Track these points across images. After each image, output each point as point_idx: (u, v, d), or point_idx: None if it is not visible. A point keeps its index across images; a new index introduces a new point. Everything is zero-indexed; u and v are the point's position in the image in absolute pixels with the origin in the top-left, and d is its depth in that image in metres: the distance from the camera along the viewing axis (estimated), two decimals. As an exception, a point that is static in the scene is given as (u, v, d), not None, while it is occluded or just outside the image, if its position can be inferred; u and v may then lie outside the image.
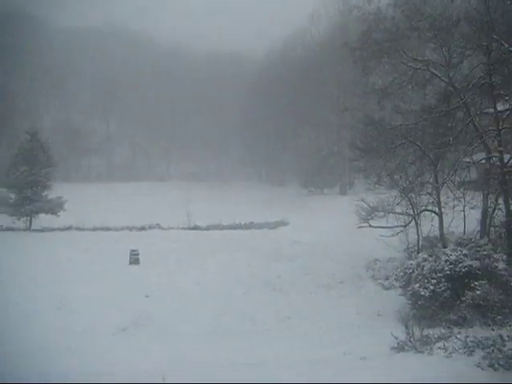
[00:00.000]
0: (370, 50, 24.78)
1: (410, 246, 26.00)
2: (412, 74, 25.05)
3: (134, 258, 29.77)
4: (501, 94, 23.50)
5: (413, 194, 25.87)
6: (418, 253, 22.68)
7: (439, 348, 13.90)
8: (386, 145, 25.17)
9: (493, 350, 13.06)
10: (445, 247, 21.58)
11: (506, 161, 22.15)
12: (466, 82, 24.17)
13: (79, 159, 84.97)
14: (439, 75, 24.68)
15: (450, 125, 24.62)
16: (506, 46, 23.85)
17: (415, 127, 25.05)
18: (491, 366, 12.54)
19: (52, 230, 40.20)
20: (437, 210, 25.01)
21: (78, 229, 40.76)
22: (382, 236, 26.12)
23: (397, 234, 26.32)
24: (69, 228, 40.84)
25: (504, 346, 13.19)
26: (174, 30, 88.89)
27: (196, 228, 40.92)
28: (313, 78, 60.71)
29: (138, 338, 18.60)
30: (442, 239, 23.90)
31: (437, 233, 24.93)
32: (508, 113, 23.75)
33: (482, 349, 13.30)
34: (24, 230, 40.67)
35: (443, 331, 15.69)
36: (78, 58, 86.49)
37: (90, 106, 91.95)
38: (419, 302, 18.56)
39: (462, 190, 26.17)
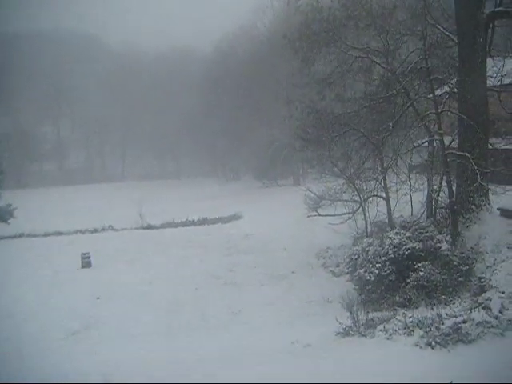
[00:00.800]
0: (309, 41, 24.93)
1: (358, 232, 26.22)
2: (352, 62, 25.33)
3: (86, 261, 29.45)
4: (438, 78, 23.90)
5: (359, 181, 26.10)
6: (367, 238, 22.86)
7: (380, 330, 14.09)
8: (329, 134, 25.37)
9: (430, 329, 13.25)
10: (393, 231, 21.83)
11: (446, 143, 22.49)
12: (403, 67, 24.53)
13: (32, 164, 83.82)
14: (378, 62, 24.99)
15: (391, 110, 25.00)
16: (441, 29, 24.37)
17: (357, 114, 25.36)
18: (429, 344, 12.73)
19: (2, 238, 39.57)
20: (383, 195, 25.32)
21: (29, 235, 40.24)
22: (330, 224, 26.37)
23: (346, 221, 26.53)
24: (20, 235, 40.27)
25: (442, 324, 13.40)
26: (122, 28, 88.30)
27: (149, 227, 40.62)
28: (261, 71, 60.73)
29: (87, 341, 18.43)
30: (391, 223, 24.18)
31: (385, 218, 25.25)
32: (447, 96, 24.18)
33: (421, 328, 13.49)
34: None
35: (387, 314, 15.92)
36: (26, 63, 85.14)
37: (41, 111, 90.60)
38: (366, 287, 18.74)
39: (406, 173, 26.49)
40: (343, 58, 25.41)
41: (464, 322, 13.20)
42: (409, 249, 18.55)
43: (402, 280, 18.18)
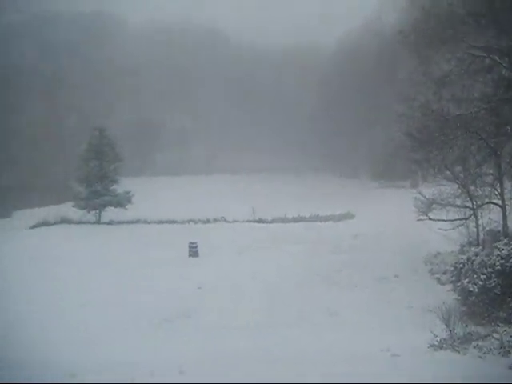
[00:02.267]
0: (426, 38, 23.95)
1: (470, 239, 25.02)
2: (471, 61, 24.08)
3: (193, 251, 30.12)
4: None
5: (472, 187, 24.92)
6: (474, 247, 21.76)
7: (474, 347, 13.29)
8: (446, 135, 24.23)
9: (530, 352, 12.33)
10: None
11: None
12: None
13: (154, 154, 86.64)
14: (501, 62, 23.60)
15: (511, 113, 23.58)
16: None
17: (475, 116, 24.03)
18: (525, 369, 11.81)
19: (120, 223, 41.34)
20: (499, 202, 24.01)
21: (144, 222, 41.76)
22: (440, 229, 25.37)
23: (457, 227, 25.46)
24: (136, 221, 41.84)
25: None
26: (246, 24, 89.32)
27: (260, 221, 40.98)
28: (383, 68, 59.60)
29: (184, 329, 18.71)
30: (505, 233, 22.87)
31: (500, 226, 23.94)
32: None
33: (519, 350, 12.56)
34: (94, 223, 41.96)
35: (486, 330, 15.01)
36: (150, 55, 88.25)
37: (165, 102, 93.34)
38: (469, 299, 17.82)
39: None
40: (462, 57, 24.20)
41: None
42: (518, 261, 17.43)
43: (508, 294, 17.10)
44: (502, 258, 17.63)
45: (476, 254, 18.84)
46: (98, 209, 43.01)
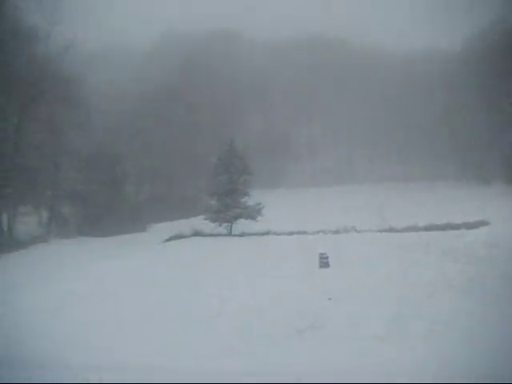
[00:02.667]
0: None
1: None
2: None
3: (323, 262, 30.03)
4: None
5: None
6: None
7: None
8: None
9: None
10: None
11: None
12: None
13: (284, 165, 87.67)
14: None
15: None
16: None
17: None
18: None
19: (251, 234, 42.09)
20: None
21: (275, 233, 42.22)
22: None
23: None
24: (267, 233, 42.43)
25: None
26: (371, 32, 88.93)
27: (391, 230, 40.29)
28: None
29: (312, 340, 18.71)
30: None
31: None
32: None
33: None
34: (225, 235, 43.04)
35: None
36: (275, 68, 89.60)
37: (294, 114, 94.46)
38: None
39: None
40: None
41: None
42: None
43: None
44: None
45: None
46: (230, 221, 44.16)
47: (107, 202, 60.41)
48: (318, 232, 41.51)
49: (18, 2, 51.92)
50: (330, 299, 23.58)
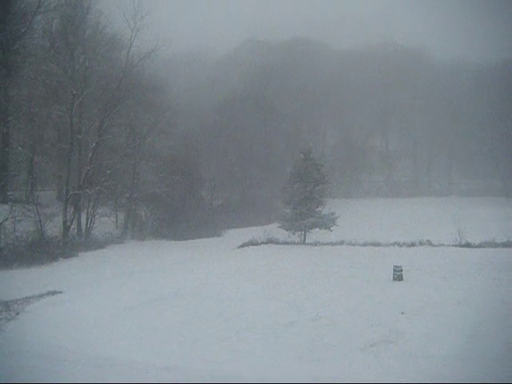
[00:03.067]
0: None
1: None
2: None
3: (397, 275, 29.56)
4: None
5: None
6: None
7: None
8: None
9: None
10: None
11: None
12: None
13: (360, 176, 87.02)
14: None
15: None
16: None
17: None
18: None
19: (324, 244, 41.90)
20: None
21: (349, 244, 41.84)
22: None
23: None
24: (341, 243, 42.12)
25: None
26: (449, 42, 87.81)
27: (467, 245, 39.26)
28: None
29: (385, 354, 18.45)
30: None
31: None
32: None
33: None
34: (298, 243, 43.02)
35: None
36: (351, 77, 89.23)
37: (369, 124, 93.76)
38: None
39: None
40: None
41: None
42: None
43: None
44: None
45: None
46: (303, 230, 44.10)
47: (183, 206, 61.45)
48: (393, 244, 40.86)
49: (102, 9, 53.70)
50: (402, 313, 23.23)
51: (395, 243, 40.89)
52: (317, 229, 44.13)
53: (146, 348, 18.09)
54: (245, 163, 75.31)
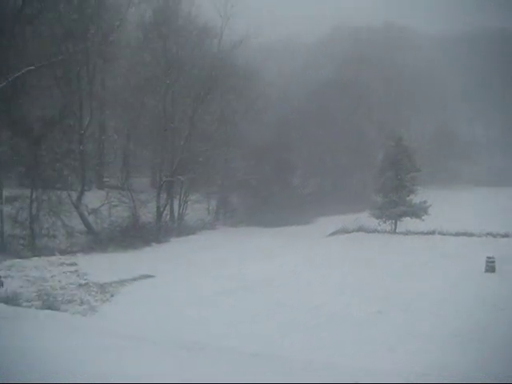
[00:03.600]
0: None
1: None
2: None
3: (490, 266, 28.70)
4: None
5: None
6: None
7: None
8: None
9: None
10: None
11: None
12: None
13: (452, 164, 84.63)
14: None
15: None
16: None
17: None
18: None
19: (415, 233, 41.10)
20: None
21: (440, 233, 40.79)
22: None
23: None
24: (432, 232, 41.16)
25: None
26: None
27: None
28: None
29: (472, 347, 17.80)
30: None
31: None
32: None
33: None
34: (389, 232, 42.44)
35: None
36: (447, 63, 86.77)
37: (463, 111, 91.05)
38: None
39: None
40: None
41: None
42: None
43: None
44: None
45: None
46: (394, 218, 43.44)
47: (274, 193, 61.81)
48: (486, 234, 39.55)
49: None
50: (494, 306, 22.52)
51: (489, 234, 39.55)
52: (408, 218, 43.34)
53: (233, 333, 18.40)
54: (336, 151, 74.81)
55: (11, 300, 20.88)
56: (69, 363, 10.82)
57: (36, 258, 34.07)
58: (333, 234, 44.26)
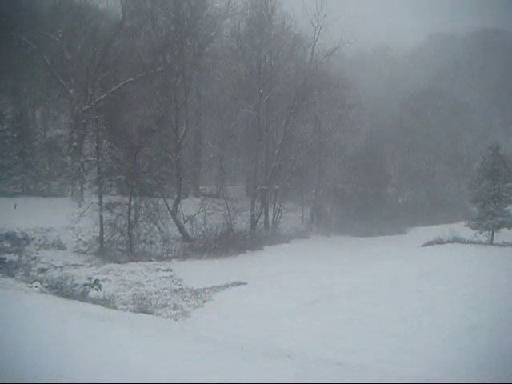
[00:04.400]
0: None
1: None
2: None
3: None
4: None
5: None
6: None
7: None
8: None
9: None
10: None
11: None
12: None
13: None
14: None
15: None
16: None
17: None
18: None
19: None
20: None
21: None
22: None
23: None
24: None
25: None
26: None
27: None
28: None
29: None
30: None
31: None
32: None
33: None
34: (485, 243, 41.07)
35: None
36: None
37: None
38: None
39: None
40: None
41: None
42: None
43: None
44: None
45: None
46: (491, 229, 42.00)
47: (367, 202, 61.25)
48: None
49: (287, 10, 55.02)
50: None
51: None
52: (505, 229, 41.80)
53: (320, 342, 18.29)
54: (432, 160, 73.34)
55: (108, 302, 21.62)
56: (152, 364, 11.15)
57: (133, 263, 35.21)
58: (426, 244, 43.25)
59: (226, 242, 42.90)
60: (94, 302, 20.24)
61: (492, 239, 41.66)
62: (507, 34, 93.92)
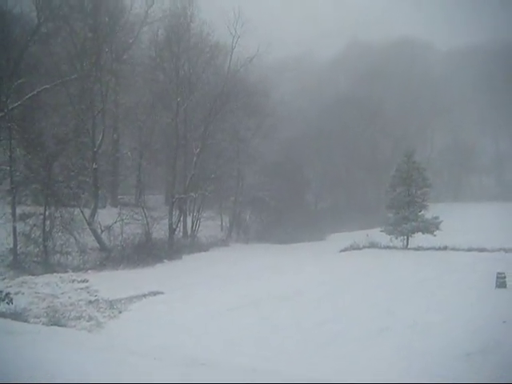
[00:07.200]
0: None
1: None
2: None
3: (500, 282, 28.40)
4: None
5: None
6: None
7: None
8: None
9: None
10: None
11: None
12: None
13: (466, 178, 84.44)
14: None
15: None
16: None
17: None
18: None
19: (427, 249, 40.98)
20: None
21: (452, 249, 40.68)
22: None
23: None
24: (444, 248, 41.04)
25: None
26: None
27: None
28: None
29: (483, 365, 17.63)
30: None
31: None
32: None
33: None
34: (401, 248, 42.32)
35: None
36: (458, 78, 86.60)
37: (478, 124, 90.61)
38: None
39: None
40: None
41: None
42: None
43: None
44: None
45: None
46: (406, 234, 43.31)
47: (287, 209, 61.88)
48: (499, 250, 39.27)
49: (205, 18, 55.19)
50: (504, 322, 22.30)
51: (501, 249, 39.26)
52: (420, 233, 43.20)
53: (235, 350, 18.42)
54: (351, 166, 74.81)
55: (19, 316, 21.05)
56: (63, 373, 10.95)
57: (48, 275, 34.31)
58: (344, 250, 44.23)
59: (144, 252, 42.46)
60: (4, 316, 19.65)
61: (407, 244, 42.97)
62: (423, 43, 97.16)
